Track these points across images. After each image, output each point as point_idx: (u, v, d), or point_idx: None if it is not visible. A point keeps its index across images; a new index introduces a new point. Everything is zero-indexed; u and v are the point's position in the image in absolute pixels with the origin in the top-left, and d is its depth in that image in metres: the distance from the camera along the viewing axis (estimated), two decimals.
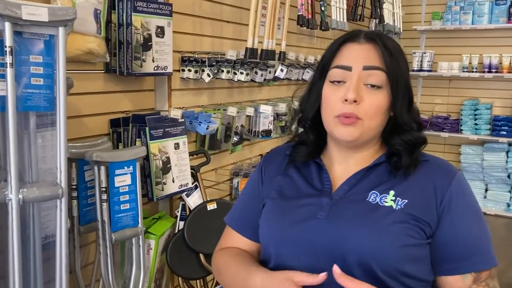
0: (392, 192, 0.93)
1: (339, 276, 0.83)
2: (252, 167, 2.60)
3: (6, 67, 1.20)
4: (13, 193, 1.24)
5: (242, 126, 2.45)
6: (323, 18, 2.71)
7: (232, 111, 2.24)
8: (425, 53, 4.72)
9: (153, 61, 1.86)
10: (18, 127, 1.30)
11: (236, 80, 2.25)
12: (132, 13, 1.74)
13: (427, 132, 4.67)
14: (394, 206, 0.92)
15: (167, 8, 1.88)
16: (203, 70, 2.15)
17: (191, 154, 2.09)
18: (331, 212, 0.94)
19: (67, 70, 1.62)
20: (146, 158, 1.82)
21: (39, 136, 1.40)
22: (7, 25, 1.18)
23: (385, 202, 0.92)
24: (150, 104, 2.09)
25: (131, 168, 1.64)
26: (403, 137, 0.98)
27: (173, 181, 1.91)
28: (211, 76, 2.13)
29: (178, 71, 2.15)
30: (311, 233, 0.93)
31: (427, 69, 4.72)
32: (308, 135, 1.04)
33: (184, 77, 2.14)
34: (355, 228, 0.90)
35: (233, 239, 1.10)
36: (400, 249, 0.88)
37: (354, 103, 0.92)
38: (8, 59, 1.19)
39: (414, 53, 4.74)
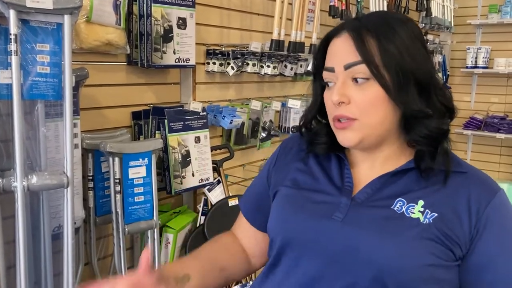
0: (421, 202, 0.82)
1: None
2: None
3: (11, 54, 1.21)
4: (18, 180, 1.25)
5: (271, 121, 2.38)
6: (359, 10, 2.59)
7: (256, 105, 2.18)
8: (480, 48, 4.43)
9: (174, 53, 1.83)
10: (26, 116, 1.32)
11: (263, 73, 2.18)
12: (152, 4, 1.72)
13: (481, 132, 4.40)
14: (422, 218, 0.81)
15: None
16: (228, 63, 2.11)
17: (213, 148, 2.05)
18: (349, 215, 0.84)
19: (86, 62, 1.65)
20: (165, 151, 1.80)
21: (52, 126, 1.41)
22: (12, 13, 1.18)
23: (412, 213, 0.82)
24: (176, 98, 2.07)
25: (146, 160, 1.63)
26: (417, 131, 0.84)
27: (193, 175, 1.87)
28: (235, 69, 2.09)
29: (203, 64, 2.12)
30: (323, 235, 0.84)
31: (482, 65, 4.43)
32: (321, 137, 0.95)
33: (209, 70, 2.11)
34: (373, 238, 0.80)
35: (240, 220, 1.07)
36: (422, 269, 0.78)
37: (343, 104, 0.84)
38: (13, 46, 1.20)
39: (468, 48, 4.47)
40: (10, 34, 1.20)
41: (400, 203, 0.83)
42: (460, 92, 4.73)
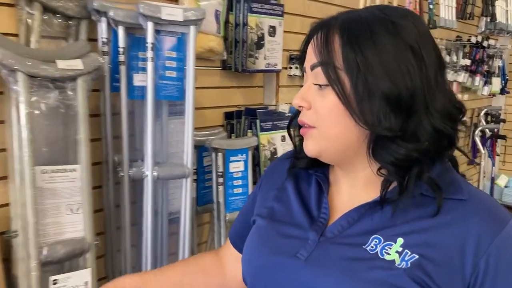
0: (400, 241, 0.69)
1: None
2: None
3: (147, 61, 1.39)
4: (149, 170, 1.43)
5: None
6: (431, 17, 2.68)
7: None
8: None
9: (265, 59, 1.99)
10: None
11: None
12: (248, 14, 1.89)
13: None
14: (398, 261, 0.67)
15: (279, 8, 2.01)
16: None
17: None
18: (314, 253, 0.74)
19: None
20: (256, 148, 1.96)
21: (171, 123, 1.60)
22: (149, 24, 1.37)
23: (387, 253, 0.68)
24: (259, 99, 2.24)
25: (244, 156, 1.79)
26: (383, 157, 0.71)
27: None
28: None
29: (286, 68, 2.27)
30: (283, 274, 0.76)
31: None
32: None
33: (291, 74, 2.26)
34: (334, 281, 0.70)
35: (228, 247, 1.02)
36: None
37: (304, 109, 0.76)
38: (150, 54, 1.38)
39: None
40: (147, 43, 1.38)
41: (375, 241, 0.70)
42: None
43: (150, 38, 1.37)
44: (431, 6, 2.65)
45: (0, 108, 1.27)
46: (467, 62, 3.51)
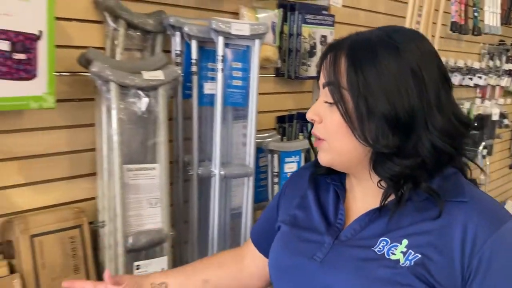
0: (405, 242, 0.76)
1: None
2: None
3: (217, 71, 1.54)
4: (217, 169, 1.58)
5: None
6: (476, 24, 2.75)
7: None
8: None
9: (316, 66, 2.12)
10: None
11: None
12: (302, 25, 2.02)
13: None
14: (402, 260, 0.74)
15: (331, 19, 2.13)
16: None
17: None
18: (329, 255, 0.82)
19: None
20: (308, 150, 2.09)
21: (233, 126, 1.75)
22: (220, 39, 1.52)
23: (393, 253, 0.76)
24: (308, 104, 2.36)
25: (297, 157, 1.93)
26: (380, 172, 0.78)
27: None
28: None
29: None
30: (302, 275, 0.84)
31: None
32: None
33: None
34: (345, 280, 0.78)
35: (248, 245, 1.10)
36: None
37: (316, 122, 0.83)
38: (220, 65, 1.54)
39: None
40: (217, 55, 1.54)
41: (383, 243, 0.78)
42: None
43: (220, 51, 1.52)
44: (476, 14, 2.71)
45: (91, 113, 1.45)
46: (510, 66, 3.53)
